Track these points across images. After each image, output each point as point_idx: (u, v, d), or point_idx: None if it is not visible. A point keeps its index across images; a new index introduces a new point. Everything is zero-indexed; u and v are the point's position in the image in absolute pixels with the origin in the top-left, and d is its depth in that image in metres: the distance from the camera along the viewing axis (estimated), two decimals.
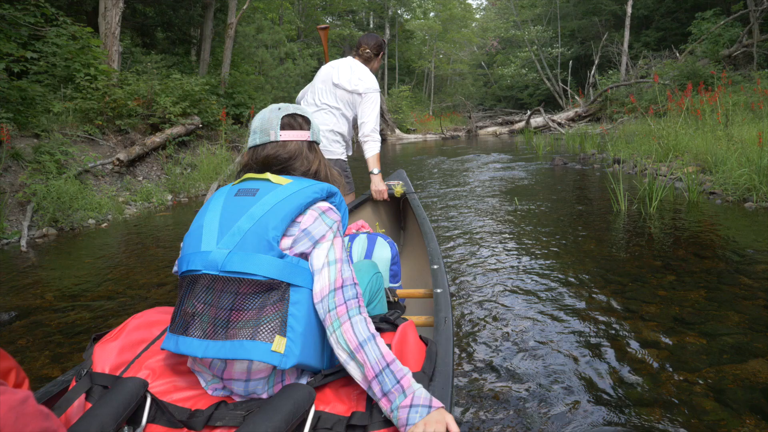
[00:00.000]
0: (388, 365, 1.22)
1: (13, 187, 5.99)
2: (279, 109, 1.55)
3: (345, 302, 1.29)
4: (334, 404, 1.29)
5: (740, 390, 2.11)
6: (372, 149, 3.26)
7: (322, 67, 3.47)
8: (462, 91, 37.25)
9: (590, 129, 15.15)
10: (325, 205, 1.42)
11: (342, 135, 3.34)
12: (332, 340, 1.27)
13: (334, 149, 3.32)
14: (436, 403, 1.19)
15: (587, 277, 3.58)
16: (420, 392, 1.20)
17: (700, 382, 2.18)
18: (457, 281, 3.62)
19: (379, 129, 3.31)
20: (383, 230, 3.44)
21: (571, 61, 27.33)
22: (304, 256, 1.36)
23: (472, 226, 5.24)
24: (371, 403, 1.25)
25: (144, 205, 7.24)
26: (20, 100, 6.81)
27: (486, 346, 2.61)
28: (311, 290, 1.32)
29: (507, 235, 4.83)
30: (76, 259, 4.77)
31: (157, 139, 8.68)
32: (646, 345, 2.53)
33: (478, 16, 45.27)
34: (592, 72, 22.83)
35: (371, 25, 34.02)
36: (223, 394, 1.35)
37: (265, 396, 1.32)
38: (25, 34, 7.66)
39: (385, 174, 5.36)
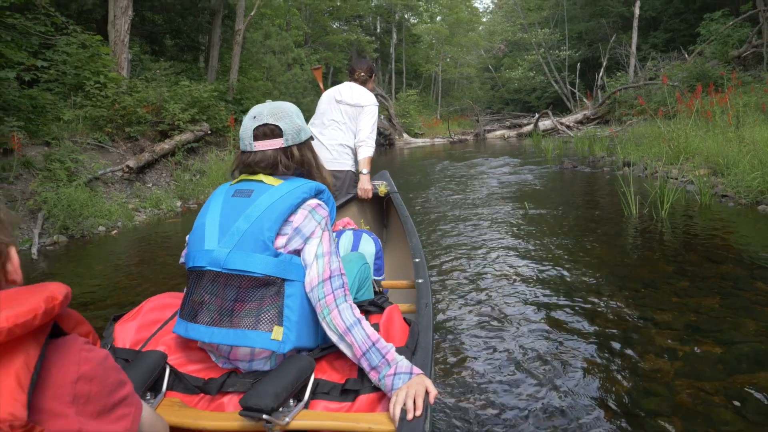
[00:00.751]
0: (373, 344, 1.40)
1: (24, 194, 6.03)
2: (254, 117, 1.63)
3: (333, 291, 1.46)
4: (330, 373, 1.48)
5: (760, 401, 2.07)
6: (365, 152, 3.51)
7: (323, 94, 3.79)
8: (470, 95, 37.20)
9: (599, 132, 15.06)
10: (314, 201, 1.56)
11: (350, 148, 3.61)
12: (324, 325, 1.45)
13: (344, 161, 3.61)
14: (417, 370, 1.38)
15: (599, 282, 3.54)
16: (402, 362, 1.39)
17: (718, 392, 2.14)
18: (466, 288, 3.59)
19: (374, 138, 3.58)
20: (368, 227, 3.57)
21: (578, 64, 27.21)
22: (297, 252, 1.51)
23: (483, 232, 5.21)
24: (362, 372, 1.44)
25: (153, 211, 7.27)
26: (31, 109, 6.87)
27: (496, 353, 2.58)
28: (303, 283, 1.48)
29: (517, 241, 4.79)
30: (86, 267, 4.79)
31: (166, 145, 8.73)
32: (661, 353, 2.50)
33: (484, 20, 45.27)
34: (600, 74, 22.70)
35: (378, 30, 34.07)
36: (231, 367, 1.53)
37: (267, 369, 1.51)
38: (36, 43, 7.73)
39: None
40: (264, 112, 1.63)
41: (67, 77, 8.12)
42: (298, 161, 1.66)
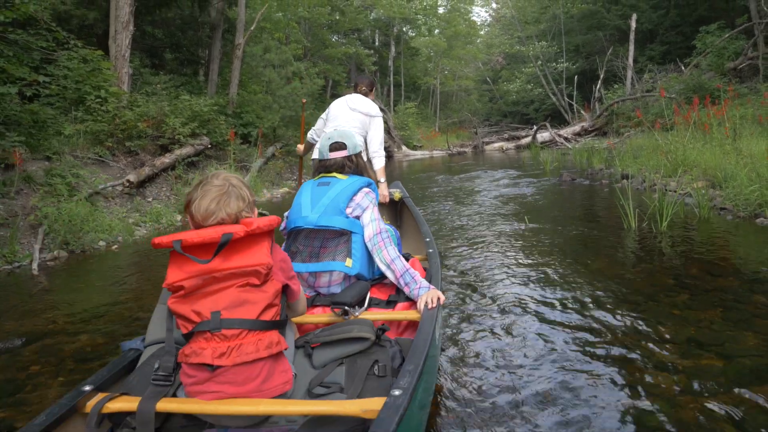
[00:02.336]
0: (407, 270, 2.38)
1: (25, 209, 6.04)
2: (329, 138, 2.67)
3: (383, 239, 2.42)
4: (378, 293, 2.49)
5: (761, 415, 2.07)
6: (379, 163, 4.12)
7: (331, 104, 4.26)
8: (468, 107, 37.33)
9: (597, 144, 15.13)
10: (367, 189, 2.56)
11: (362, 150, 3.96)
12: (377, 260, 2.42)
13: None
14: (432, 286, 2.37)
15: (599, 296, 3.55)
16: (424, 281, 2.37)
17: (719, 406, 2.15)
18: (464, 299, 3.60)
19: (384, 146, 4.18)
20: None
21: (576, 76, 27.34)
22: (357, 217, 2.46)
23: (483, 245, 5.22)
24: (397, 292, 2.47)
25: (154, 226, 7.28)
26: (32, 123, 6.89)
27: (493, 371, 2.58)
28: (362, 235, 2.44)
29: (516, 254, 4.80)
30: (86, 283, 4.79)
31: (166, 159, 8.76)
32: (662, 367, 2.50)
33: (482, 33, 45.52)
34: (598, 86, 22.82)
35: (377, 43, 34.26)
36: (314, 293, 2.45)
37: (339, 291, 2.39)
38: (37, 58, 7.78)
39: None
40: (334, 135, 2.68)
41: (68, 92, 8.16)
42: (356, 164, 2.68)
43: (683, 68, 18.16)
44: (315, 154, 4.26)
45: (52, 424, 1.54)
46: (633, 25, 20.88)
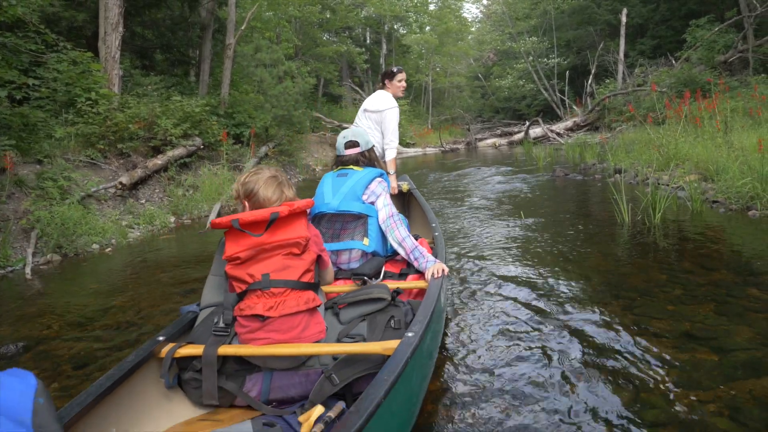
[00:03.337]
0: (416, 247, 2.78)
1: (17, 214, 6.00)
2: (344, 137, 3.09)
3: (395, 221, 2.84)
4: (391, 268, 2.90)
5: (756, 408, 2.09)
6: (390, 155, 4.45)
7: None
8: (460, 104, 37.32)
9: (589, 138, 15.17)
10: (380, 178, 2.98)
11: (374, 145, 4.33)
12: (390, 239, 2.83)
13: None
14: (438, 260, 2.78)
15: (594, 291, 3.56)
16: (430, 256, 2.76)
17: (714, 400, 2.16)
18: (458, 295, 3.61)
19: (397, 136, 4.49)
20: None
21: (567, 71, 27.40)
22: (372, 203, 2.87)
23: (475, 241, 5.23)
24: (408, 267, 2.89)
25: (147, 228, 7.25)
26: (22, 127, 6.84)
27: (487, 364, 2.59)
28: (377, 218, 2.86)
29: (510, 250, 4.81)
30: (81, 286, 4.77)
31: (158, 161, 8.71)
32: (657, 362, 2.51)
33: (473, 29, 45.50)
34: (589, 81, 22.87)
35: (368, 41, 34.18)
36: (336, 269, 2.84)
37: (357, 266, 2.81)
38: (26, 61, 7.71)
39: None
40: (348, 135, 3.09)
41: (59, 94, 8.09)
42: (368, 158, 3.09)
43: (674, 62, 18.23)
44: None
45: (133, 368, 1.93)
46: (623, 19, 20.92)
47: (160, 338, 2.11)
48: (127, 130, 8.43)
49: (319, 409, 1.71)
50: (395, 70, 4.58)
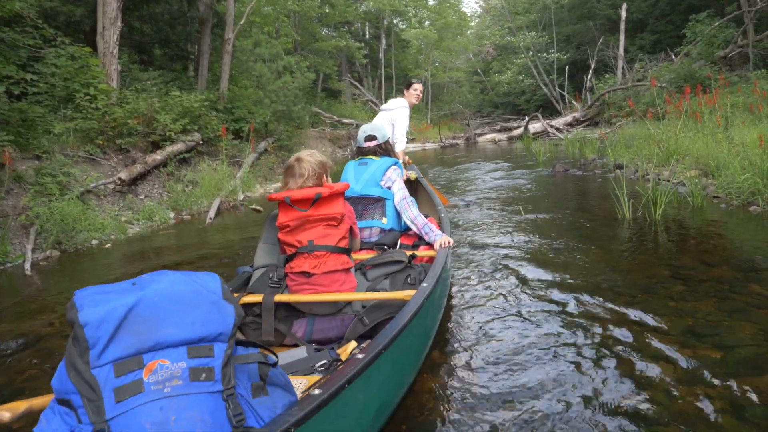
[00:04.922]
0: (426, 223, 3.32)
1: (16, 209, 5.98)
2: (364, 131, 3.68)
3: (408, 203, 3.39)
4: (406, 241, 3.47)
5: (759, 404, 2.08)
6: (398, 147, 5.32)
7: None
8: (459, 99, 37.26)
9: (589, 134, 15.14)
10: (395, 166, 3.54)
11: (389, 137, 4.73)
12: (404, 217, 3.38)
13: None
14: (444, 234, 3.33)
15: (595, 287, 3.55)
16: (438, 231, 3.32)
17: (717, 397, 2.16)
18: (459, 292, 3.60)
19: (405, 132, 5.44)
20: None
21: (567, 66, 27.28)
22: (389, 188, 3.44)
23: (474, 237, 5.22)
24: (419, 240, 3.44)
25: (147, 223, 7.23)
26: (21, 122, 6.81)
27: (488, 361, 2.58)
28: (393, 200, 3.41)
29: (510, 246, 4.80)
30: (80, 282, 4.75)
31: (158, 156, 8.69)
32: (659, 359, 2.50)
33: (473, 24, 45.37)
34: (589, 76, 22.81)
35: (367, 36, 34.09)
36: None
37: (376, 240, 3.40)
38: (24, 56, 7.67)
39: None
40: (368, 129, 3.67)
41: (57, 90, 8.05)
42: (385, 149, 3.65)
43: (674, 57, 18.19)
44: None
45: None
46: (623, 14, 20.86)
47: None
48: (126, 125, 8.41)
49: (353, 344, 2.34)
50: (413, 82, 5.63)
